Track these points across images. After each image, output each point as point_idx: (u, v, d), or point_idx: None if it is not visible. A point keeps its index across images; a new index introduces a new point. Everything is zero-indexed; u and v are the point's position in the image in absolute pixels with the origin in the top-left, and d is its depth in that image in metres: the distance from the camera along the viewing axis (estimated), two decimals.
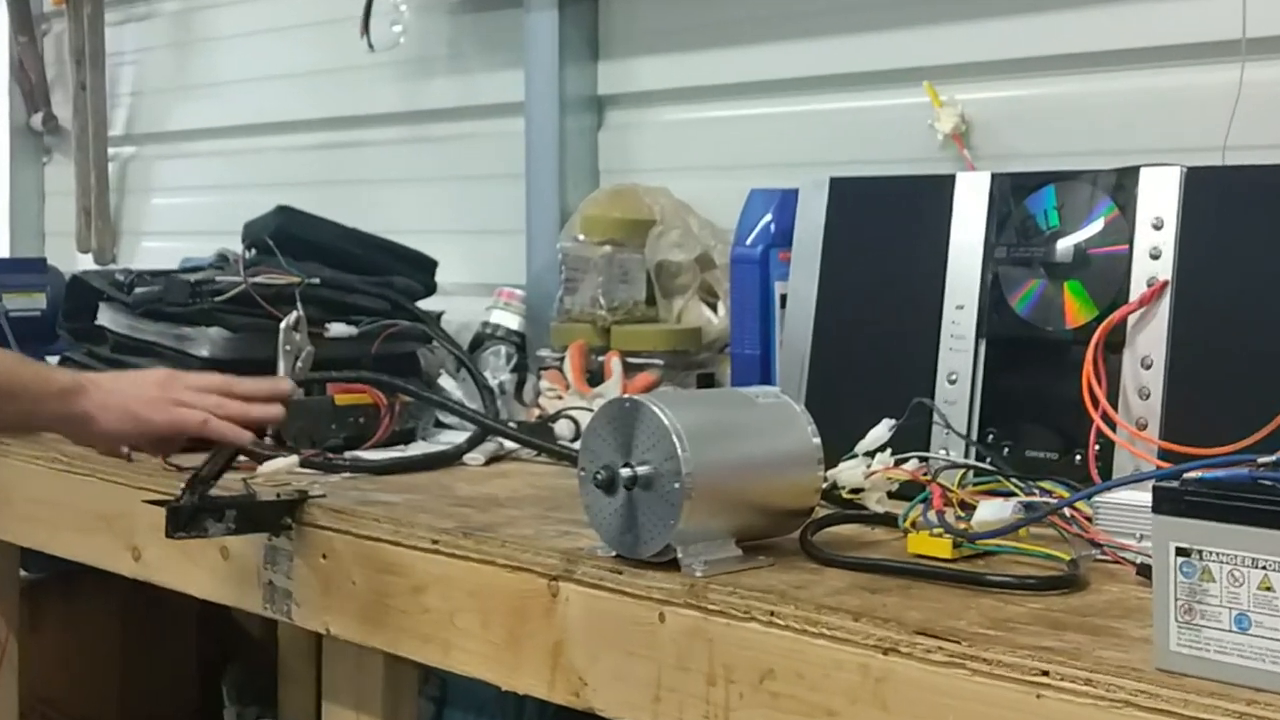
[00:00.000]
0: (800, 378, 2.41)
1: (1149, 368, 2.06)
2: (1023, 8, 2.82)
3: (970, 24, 2.89)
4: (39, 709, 3.36)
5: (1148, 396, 2.06)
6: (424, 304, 3.24)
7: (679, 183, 3.25)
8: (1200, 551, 1.42)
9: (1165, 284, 2.07)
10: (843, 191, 2.43)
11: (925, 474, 2.04)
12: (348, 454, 2.64)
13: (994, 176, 2.27)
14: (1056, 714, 1.47)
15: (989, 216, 2.26)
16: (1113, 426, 2.04)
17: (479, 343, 3.36)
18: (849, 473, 2.09)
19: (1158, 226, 2.09)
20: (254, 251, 3.11)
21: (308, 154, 4.24)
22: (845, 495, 2.08)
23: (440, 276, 3.39)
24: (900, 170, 2.67)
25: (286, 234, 3.16)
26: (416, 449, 2.74)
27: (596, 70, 3.54)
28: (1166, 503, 1.44)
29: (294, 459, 2.51)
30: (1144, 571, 1.72)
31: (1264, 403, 1.89)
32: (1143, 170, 2.13)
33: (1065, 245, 2.18)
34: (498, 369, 3.25)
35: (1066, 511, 1.88)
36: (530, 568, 1.96)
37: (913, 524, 1.89)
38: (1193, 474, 1.51)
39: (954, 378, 2.25)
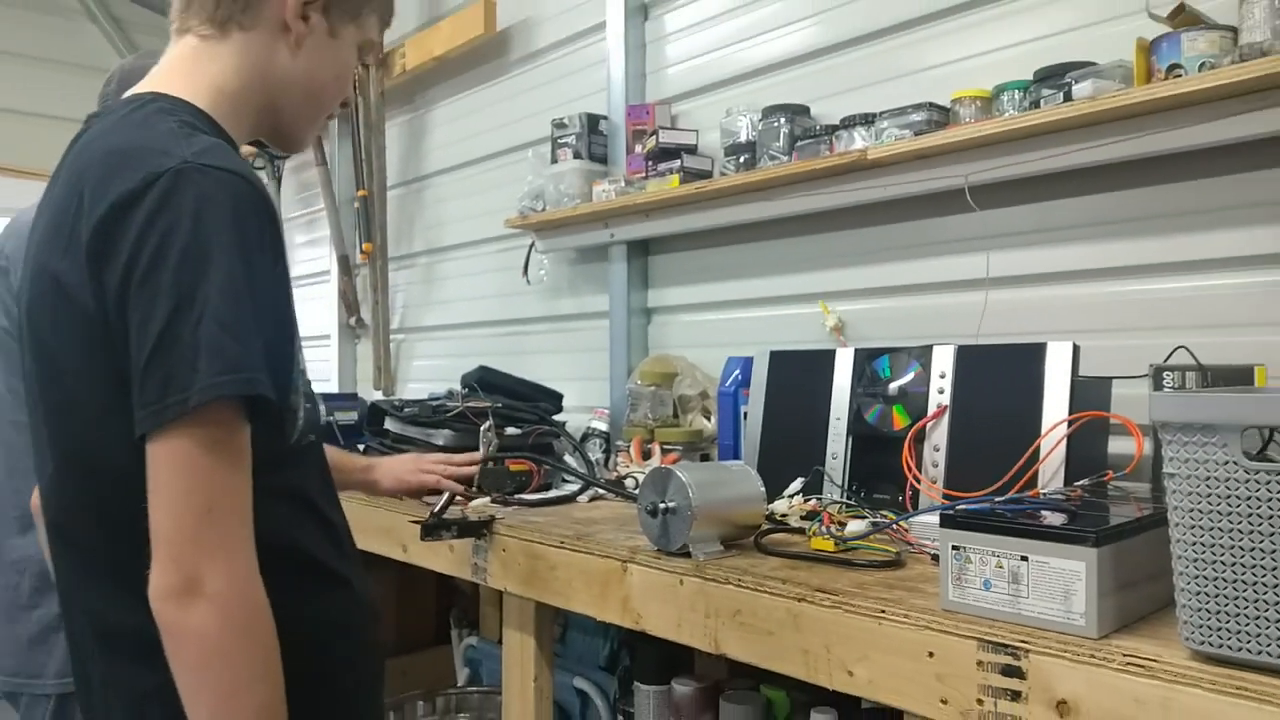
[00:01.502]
0: (755, 456, 2.41)
1: (938, 450, 2.07)
2: (873, 261, 2.82)
3: (846, 269, 2.89)
4: None
5: (937, 465, 2.06)
6: (557, 417, 3.23)
7: (691, 353, 3.24)
8: (964, 548, 1.43)
9: (946, 408, 2.08)
10: (777, 358, 2.44)
11: (820, 506, 2.05)
12: (516, 496, 2.63)
13: (856, 350, 2.28)
14: (890, 634, 1.48)
15: (854, 371, 2.27)
16: (919, 481, 2.05)
17: (585, 437, 3.32)
18: (780, 505, 2.09)
19: (942, 376, 2.10)
20: (466, 390, 3.11)
21: (495, 338, 4.23)
22: (778, 518, 2.08)
23: (565, 403, 3.36)
24: (806, 347, 2.68)
25: (484, 381, 3.15)
26: (552, 494, 2.72)
27: (648, 294, 3.53)
28: (947, 521, 1.46)
29: (488, 499, 2.49)
30: (934, 559, 1.73)
31: (998, 469, 1.90)
32: (934, 346, 2.15)
33: (894, 386, 2.19)
34: (595, 451, 3.23)
35: (896, 526, 1.89)
36: (611, 556, 1.96)
37: (814, 533, 1.89)
38: (961, 506, 1.53)
39: (835, 456, 2.25)
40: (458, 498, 2.37)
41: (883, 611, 1.49)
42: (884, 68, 2.78)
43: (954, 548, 1.44)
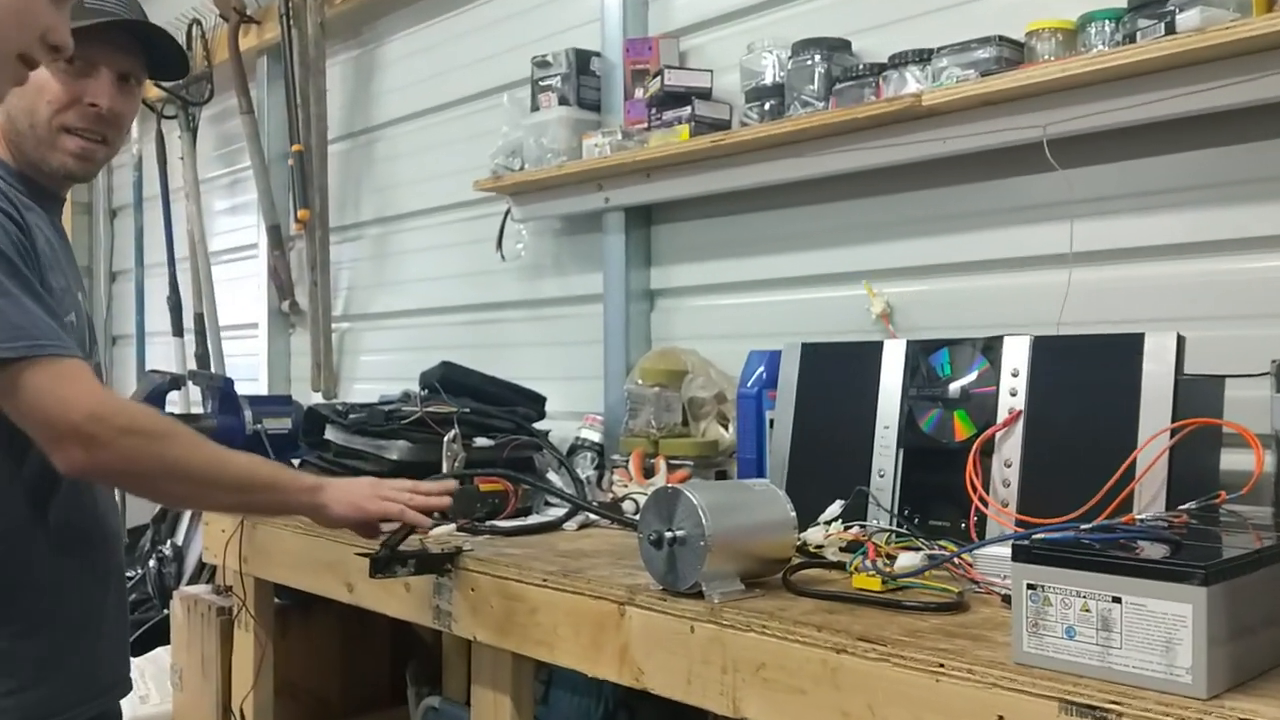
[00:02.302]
0: (782, 473, 2.41)
1: (1010, 466, 2.07)
2: (928, 233, 2.82)
3: (893, 243, 2.89)
4: (287, 690, 3.34)
5: (1009, 485, 2.06)
6: (538, 425, 3.24)
7: (703, 346, 3.24)
8: (1043, 586, 1.43)
9: (1020, 413, 2.08)
10: (810, 352, 2.45)
11: (864, 535, 2.05)
12: (488, 522, 2.63)
13: (908, 342, 2.29)
14: (949, 693, 1.48)
15: (905, 368, 2.27)
16: (986, 505, 2.05)
17: (573, 450, 3.34)
18: (814, 534, 2.09)
19: (1015, 374, 2.11)
20: (426, 391, 3.11)
21: (461, 327, 4.24)
22: (812, 550, 2.08)
23: (548, 407, 3.39)
24: (847, 338, 2.69)
25: (447, 379, 3.17)
26: (532, 519, 2.72)
27: (650, 273, 3.54)
28: (1021, 554, 1.46)
29: (453, 525, 2.49)
30: (1006, 600, 1.72)
31: (1085, 489, 1.91)
32: (1006, 337, 2.15)
33: (955, 387, 2.19)
34: (586, 467, 3.25)
35: (956, 560, 1.89)
36: (606, 596, 1.96)
37: (856, 568, 1.89)
38: (1038, 536, 1.53)
39: (883, 473, 2.25)
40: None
41: (941, 665, 1.48)
42: None
43: (1029, 587, 1.44)
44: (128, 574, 2.64)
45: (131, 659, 2.23)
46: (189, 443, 1.91)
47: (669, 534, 1.85)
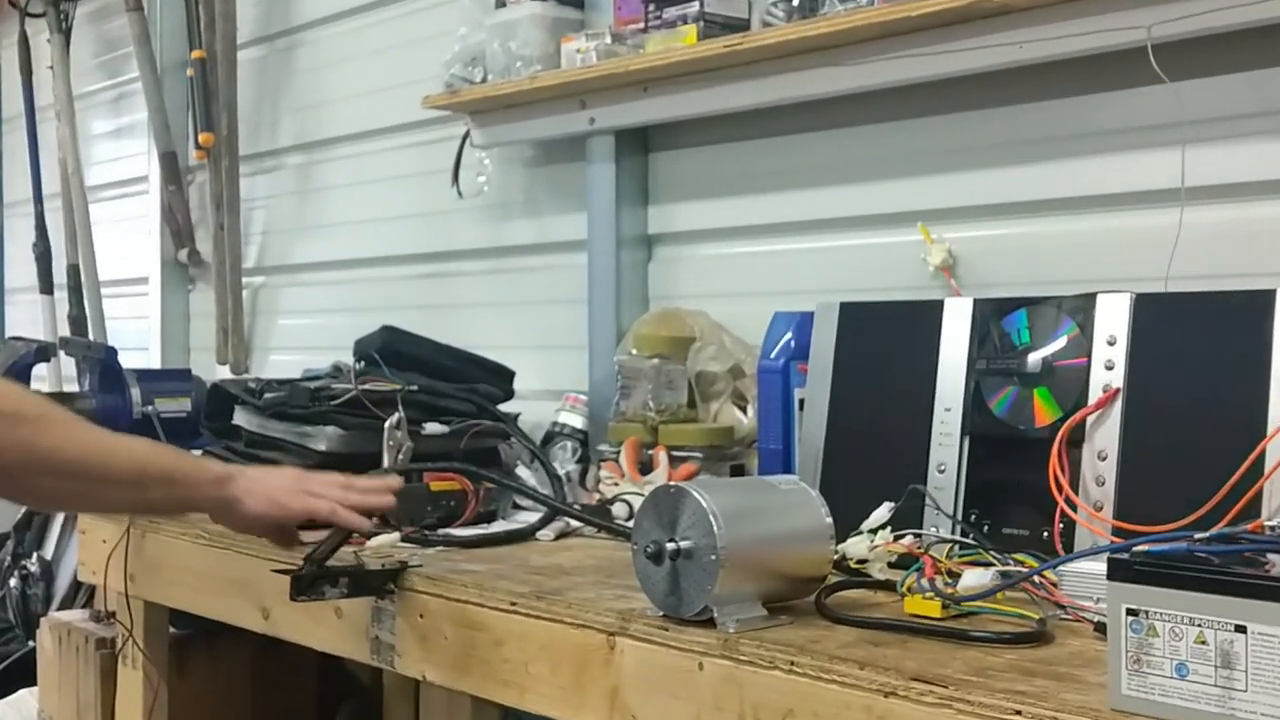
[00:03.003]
0: (815, 468, 2.41)
1: (1104, 460, 2.07)
2: (999, 161, 2.82)
3: (956, 175, 2.89)
4: None
5: (1103, 483, 2.06)
6: (504, 407, 3.24)
7: (715, 306, 3.25)
8: (1147, 612, 1.43)
9: (1118, 391, 2.07)
10: (850, 314, 2.44)
11: (919, 547, 2.05)
12: (441, 531, 2.63)
13: (975, 301, 2.29)
14: None
15: (971, 334, 2.27)
16: (1074, 508, 2.04)
17: (549, 439, 3.35)
18: (856, 546, 2.08)
19: (1111, 343, 2.10)
20: (363, 363, 3.11)
21: (407, 283, 4.25)
22: (853, 565, 2.07)
23: (517, 384, 3.39)
24: (898, 296, 2.68)
25: (390, 349, 3.17)
26: (498, 527, 2.72)
27: (647, 213, 3.54)
28: (1119, 572, 1.45)
29: (396, 535, 2.49)
30: (1100, 628, 1.72)
31: (1200, 488, 1.90)
32: (1099, 295, 2.14)
33: (1035, 358, 2.18)
34: (565, 461, 3.25)
35: (1036, 579, 1.89)
36: (592, 625, 1.96)
37: (909, 589, 1.89)
38: (1141, 548, 1.52)
39: (943, 468, 2.25)
40: (351, 536, 2.36)
41: (1018, 713, 1.48)
42: None
43: (1130, 613, 1.43)
44: None
45: None
46: (63, 428, 1.90)
47: (671, 545, 1.85)
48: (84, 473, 1.93)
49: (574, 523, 2.70)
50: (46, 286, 5.60)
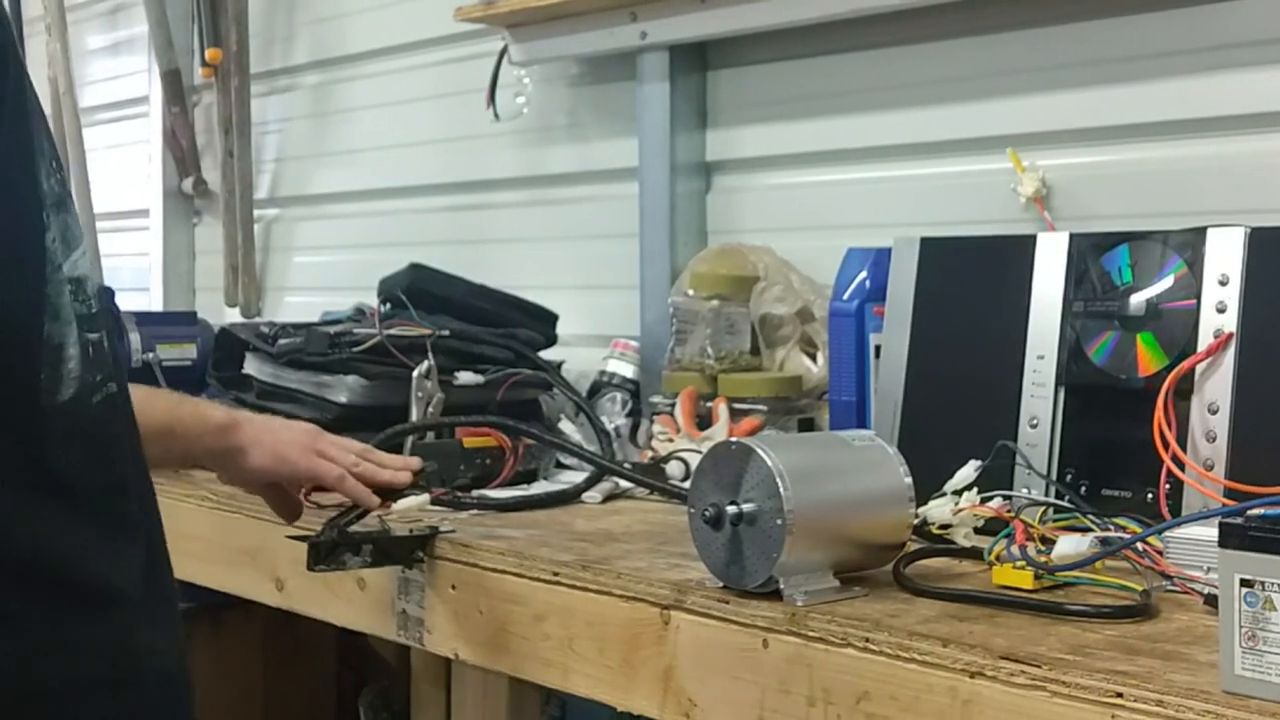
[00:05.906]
0: (893, 422, 2.41)
1: (1215, 413, 2.06)
2: (1098, 80, 2.81)
3: (1050, 95, 2.88)
4: None
5: (1214, 439, 2.05)
6: (545, 354, 3.26)
7: (780, 241, 3.25)
8: (1263, 583, 1.42)
9: (1230, 335, 2.06)
10: (932, 250, 2.44)
11: (1009, 511, 2.06)
12: (475, 492, 2.65)
13: (1072, 236, 2.28)
14: None
15: (1067, 273, 2.26)
16: (1182, 467, 2.04)
17: (596, 390, 3.36)
18: (938, 510, 2.09)
19: (1224, 282, 2.09)
20: (389, 305, 3.13)
21: (438, 215, 4.26)
22: (935, 531, 2.08)
23: (560, 329, 3.41)
24: (985, 231, 2.67)
25: (418, 289, 3.19)
26: (538, 488, 2.74)
27: (705, 138, 3.53)
28: (1232, 538, 1.45)
29: (425, 497, 2.49)
30: (1211, 601, 1.72)
31: None
32: (1210, 230, 2.13)
33: (1138, 300, 2.18)
34: (614, 414, 3.25)
35: (1139, 546, 1.88)
36: (643, 598, 1.96)
37: (997, 557, 1.89)
38: (1256, 511, 1.52)
39: (1035, 422, 2.25)
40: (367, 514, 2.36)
41: (1119, 695, 1.48)
42: None
43: (1245, 584, 1.43)
44: None
45: None
46: None
47: (733, 509, 1.85)
48: None
49: (624, 483, 2.71)
50: None
